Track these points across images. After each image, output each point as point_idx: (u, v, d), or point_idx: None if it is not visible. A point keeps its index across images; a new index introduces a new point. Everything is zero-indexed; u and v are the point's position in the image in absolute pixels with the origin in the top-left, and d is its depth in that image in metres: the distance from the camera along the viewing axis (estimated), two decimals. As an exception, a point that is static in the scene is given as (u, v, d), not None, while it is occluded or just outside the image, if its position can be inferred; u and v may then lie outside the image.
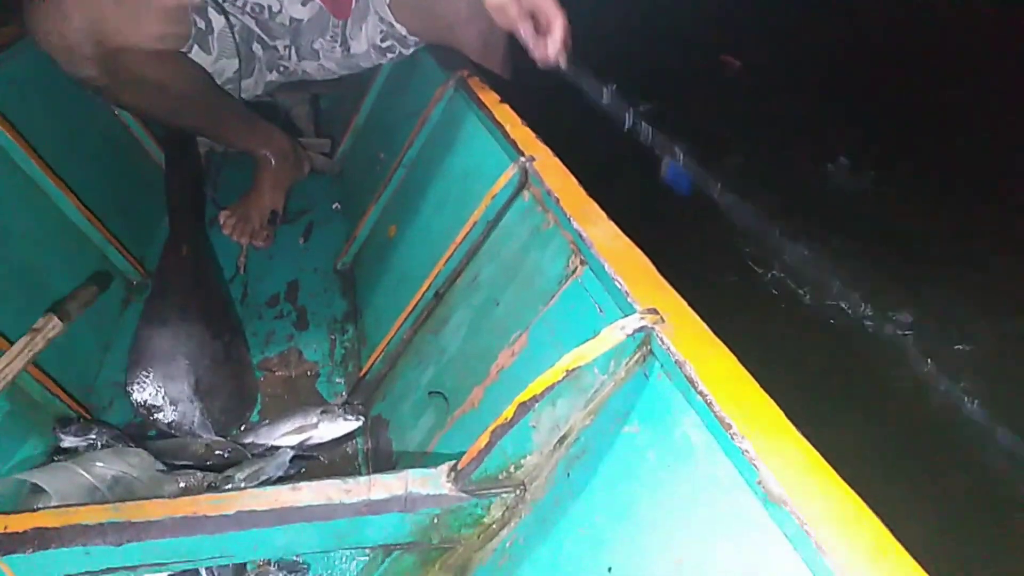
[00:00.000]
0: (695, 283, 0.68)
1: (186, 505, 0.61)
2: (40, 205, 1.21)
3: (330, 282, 1.44)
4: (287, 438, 1.05)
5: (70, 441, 0.99)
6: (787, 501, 0.44)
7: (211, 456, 1.02)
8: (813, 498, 0.44)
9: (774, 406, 0.51)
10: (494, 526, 0.66)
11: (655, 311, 0.61)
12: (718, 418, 0.51)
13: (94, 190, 1.32)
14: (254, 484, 0.92)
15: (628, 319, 0.61)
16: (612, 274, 0.66)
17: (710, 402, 0.52)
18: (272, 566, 0.84)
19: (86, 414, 1.09)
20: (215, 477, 0.96)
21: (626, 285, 0.65)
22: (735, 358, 0.56)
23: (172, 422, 1.07)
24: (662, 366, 0.58)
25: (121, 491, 0.85)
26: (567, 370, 0.61)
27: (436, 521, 0.65)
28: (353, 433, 1.08)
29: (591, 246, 0.70)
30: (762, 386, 0.52)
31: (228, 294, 1.38)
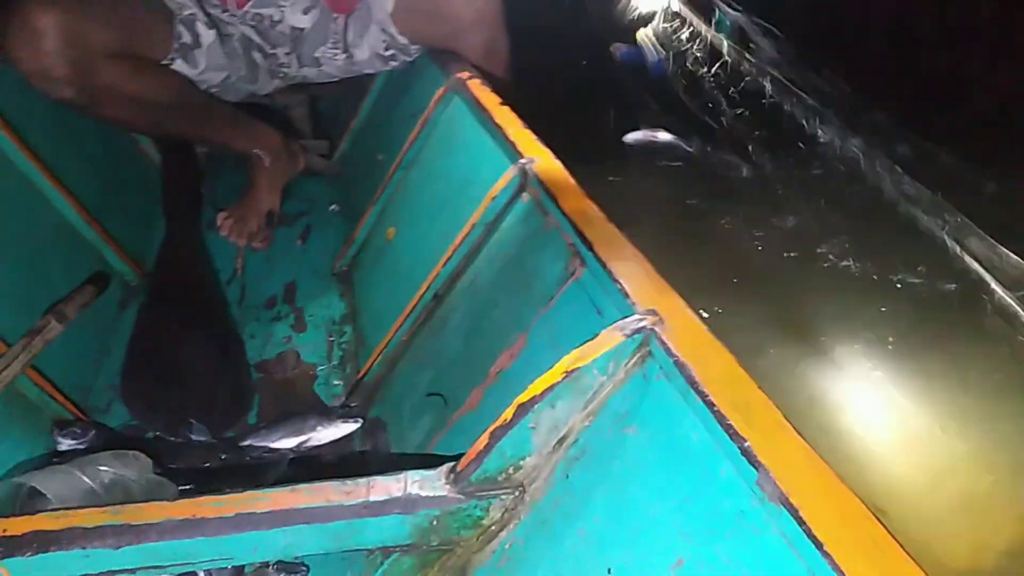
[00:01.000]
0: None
1: (185, 507, 0.61)
2: (38, 206, 1.21)
3: (328, 284, 1.44)
4: (285, 440, 1.05)
5: (68, 444, 0.98)
6: (786, 502, 0.45)
7: (209, 458, 1.01)
8: (812, 499, 0.45)
9: (773, 407, 0.52)
10: (493, 527, 0.66)
11: (654, 312, 0.61)
12: (717, 419, 0.51)
13: (91, 191, 1.32)
14: (252, 486, 0.92)
15: (627, 320, 0.61)
16: (611, 276, 0.67)
17: (709, 403, 0.52)
18: (271, 568, 0.84)
19: (84, 416, 1.09)
20: (213, 480, 0.96)
21: (625, 286, 0.65)
22: (734, 359, 0.56)
23: (169, 425, 1.07)
24: (661, 367, 0.58)
25: (119, 494, 0.85)
26: (566, 371, 0.61)
27: (435, 523, 0.65)
28: (351, 435, 1.07)
29: (590, 248, 0.71)
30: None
31: (225, 295, 1.38)
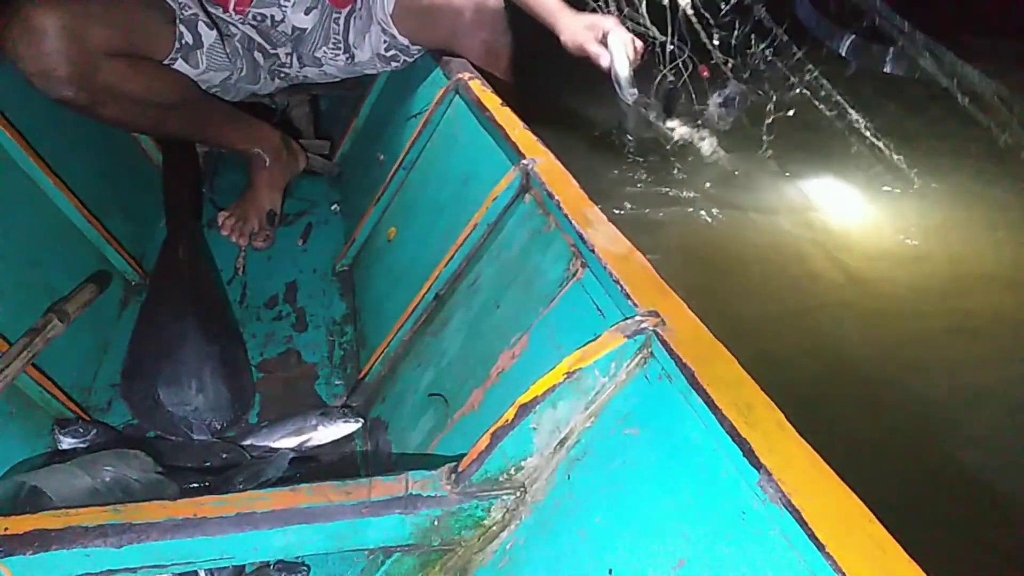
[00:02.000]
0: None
1: (186, 507, 0.61)
2: (39, 205, 1.21)
3: (329, 283, 1.44)
4: (286, 440, 1.05)
5: (69, 443, 0.99)
6: (788, 503, 0.45)
7: (210, 458, 1.01)
8: (814, 499, 0.45)
9: (775, 408, 0.52)
10: (494, 528, 0.66)
11: (656, 313, 0.61)
12: (719, 420, 0.51)
13: (93, 190, 1.32)
14: (253, 486, 0.92)
15: (629, 321, 0.61)
16: (613, 277, 0.67)
17: (711, 404, 0.52)
18: (272, 568, 0.84)
19: (85, 415, 1.09)
20: (214, 479, 0.96)
21: (627, 287, 0.65)
22: (735, 360, 0.56)
23: (170, 424, 1.07)
24: (663, 368, 0.59)
25: (120, 493, 0.85)
26: (568, 372, 0.61)
27: (436, 523, 0.65)
28: (352, 435, 1.08)
29: (592, 249, 0.71)
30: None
31: (226, 295, 1.38)
